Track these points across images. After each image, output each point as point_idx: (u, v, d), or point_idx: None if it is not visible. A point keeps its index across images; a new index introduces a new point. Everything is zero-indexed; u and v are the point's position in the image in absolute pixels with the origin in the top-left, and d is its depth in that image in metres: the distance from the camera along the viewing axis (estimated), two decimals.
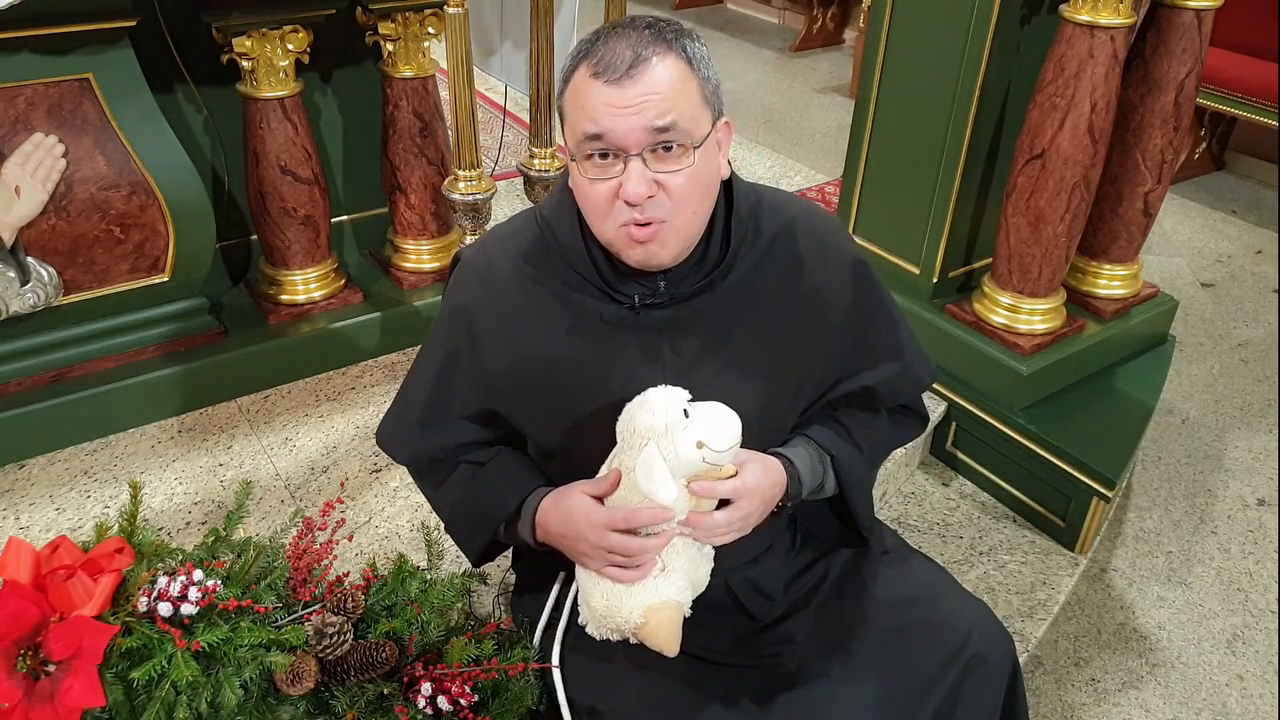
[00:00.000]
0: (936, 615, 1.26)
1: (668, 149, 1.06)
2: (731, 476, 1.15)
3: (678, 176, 1.07)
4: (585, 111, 1.06)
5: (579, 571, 1.24)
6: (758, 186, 1.27)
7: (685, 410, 1.10)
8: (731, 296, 1.21)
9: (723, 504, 1.16)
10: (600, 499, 1.17)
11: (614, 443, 1.16)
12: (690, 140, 1.07)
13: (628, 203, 1.07)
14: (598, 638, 1.22)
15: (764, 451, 1.23)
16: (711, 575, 1.23)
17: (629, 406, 1.13)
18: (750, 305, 1.22)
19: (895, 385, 1.33)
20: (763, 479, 1.17)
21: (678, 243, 1.13)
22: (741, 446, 1.16)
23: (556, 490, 1.23)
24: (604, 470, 1.19)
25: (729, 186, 1.20)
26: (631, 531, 1.14)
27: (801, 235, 1.25)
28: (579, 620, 1.27)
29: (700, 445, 1.08)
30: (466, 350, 1.25)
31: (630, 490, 1.14)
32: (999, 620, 1.30)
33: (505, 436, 1.32)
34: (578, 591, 1.30)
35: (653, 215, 1.08)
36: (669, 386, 1.13)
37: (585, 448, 1.21)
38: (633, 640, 1.19)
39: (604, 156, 1.07)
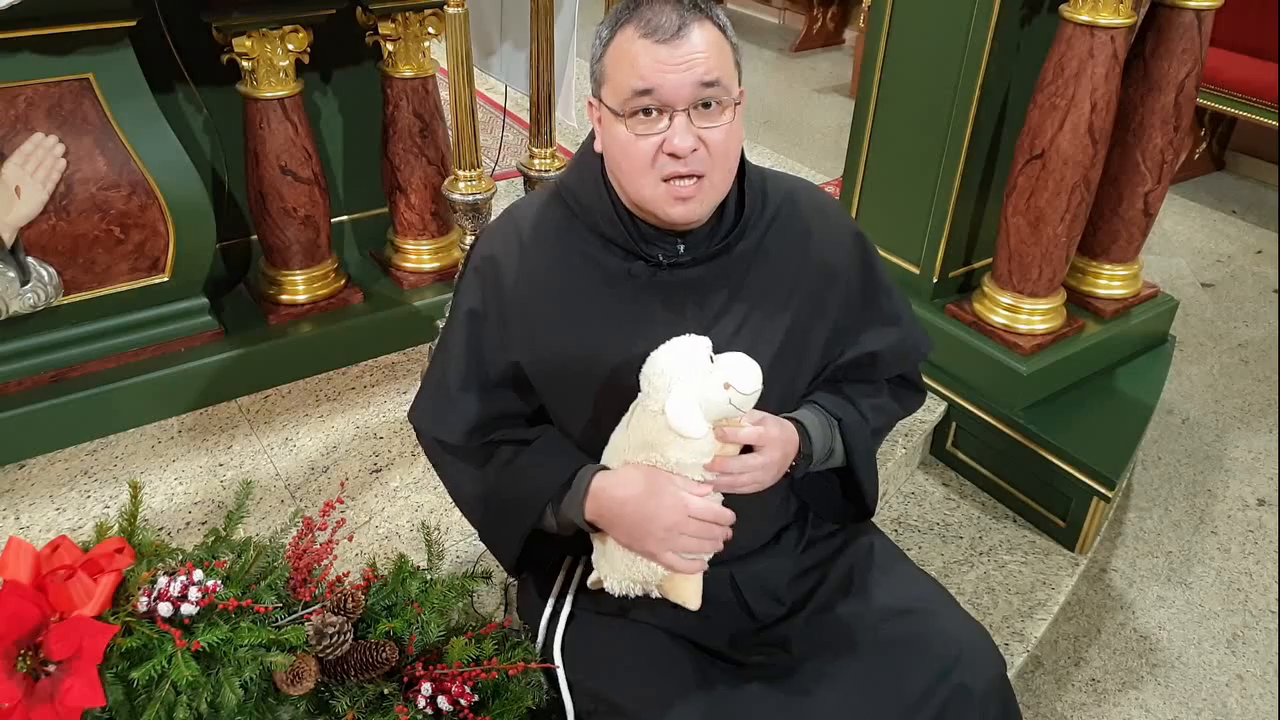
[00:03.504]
0: (929, 631, 1.27)
1: (707, 106, 1.12)
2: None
3: (718, 132, 1.13)
4: (634, 69, 1.11)
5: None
6: (758, 165, 1.32)
7: (710, 356, 1.14)
8: (746, 260, 1.26)
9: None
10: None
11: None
12: (730, 98, 1.13)
13: (674, 155, 1.11)
14: (616, 593, 1.22)
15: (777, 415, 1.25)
16: (718, 564, 1.23)
17: (654, 354, 1.15)
18: (763, 268, 1.27)
19: (896, 352, 1.39)
20: (781, 432, 1.21)
21: (714, 198, 1.18)
22: (756, 408, 1.18)
23: (621, 468, 1.21)
24: (626, 418, 1.20)
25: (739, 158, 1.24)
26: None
27: (804, 205, 1.31)
28: (589, 582, 1.27)
29: (727, 386, 1.11)
30: (493, 302, 1.27)
31: (656, 430, 1.15)
32: (992, 643, 1.29)
33: (542, 409, 1.32)
34: (583, 561, 1.30)
35: (695, 169, 1.13)
36: (694, 335, 1.16)
37: (609, 404, 1.23)
38: (655, 594, 1.20)
39: (648, 113, 1.12)
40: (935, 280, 2.33)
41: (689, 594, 1.19)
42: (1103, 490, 2.09)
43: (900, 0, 2.18)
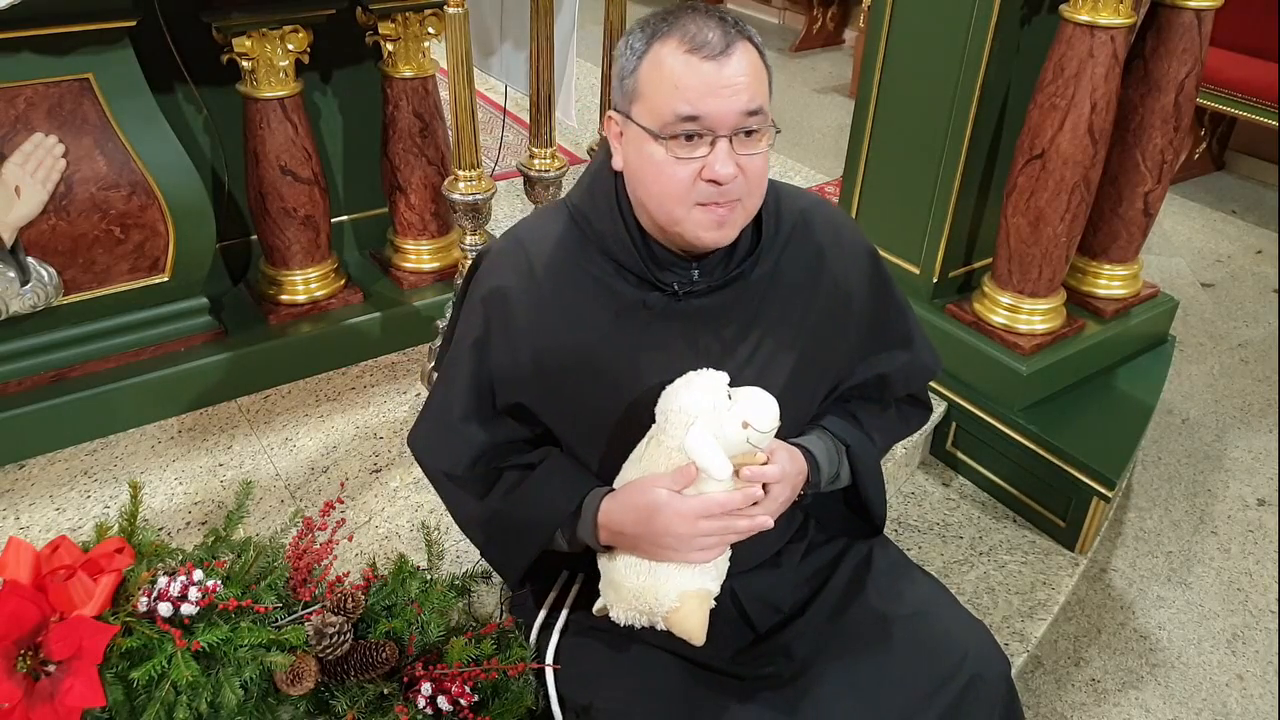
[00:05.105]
0: (934, 633, 1.26)
1: (749, 133, 1.10)
2: (764, 464, 1.16)
3: (757, 159, 1.11)
4: (680, 91, 1.07)
5: (604, 555, 1.23)
6: (771, 180, 1.29)
7: (727, 393, 1.13)
8: (761, 285, 1.24)
9: None
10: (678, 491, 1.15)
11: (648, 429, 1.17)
12: (768, 124, 1.11)
13: (716, 182, 1.09)
14: (622, 623, 1.20)
15: (785, 440, 1.24)
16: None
17: (670, 388, 1.15)
18: (777, 293, 1.25)
19: (906, 373, 1.37)
20: (791, 465, 1.19)
21: (743, 223, 1.17)
22: None
23: (620, 489, 1.20)
24: (639, 450, 1.19)
25: None
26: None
27: (818, 225, 1.29)
28: (595, 609, 1.26)
29: (745, 425, 1.11)
30: (500, 333, 1.24)
31: (671, 467, 1.14)
32: (996, 642, 1.29)
33: (547, 434, 1.30)
34: (582, 582, 1.29)
35: (733, 195, 1.11)
36: (711, 370, 1.15)
37: (622, 435, 1.21)
38: (660, 626, 1.18)
39: (689, 138, 1.09)
40: (935, 280, 2.33)
41: (694, 628, 1.16)
42: (1103, 490, 2.09)
43: (900, 0, 2.18)
